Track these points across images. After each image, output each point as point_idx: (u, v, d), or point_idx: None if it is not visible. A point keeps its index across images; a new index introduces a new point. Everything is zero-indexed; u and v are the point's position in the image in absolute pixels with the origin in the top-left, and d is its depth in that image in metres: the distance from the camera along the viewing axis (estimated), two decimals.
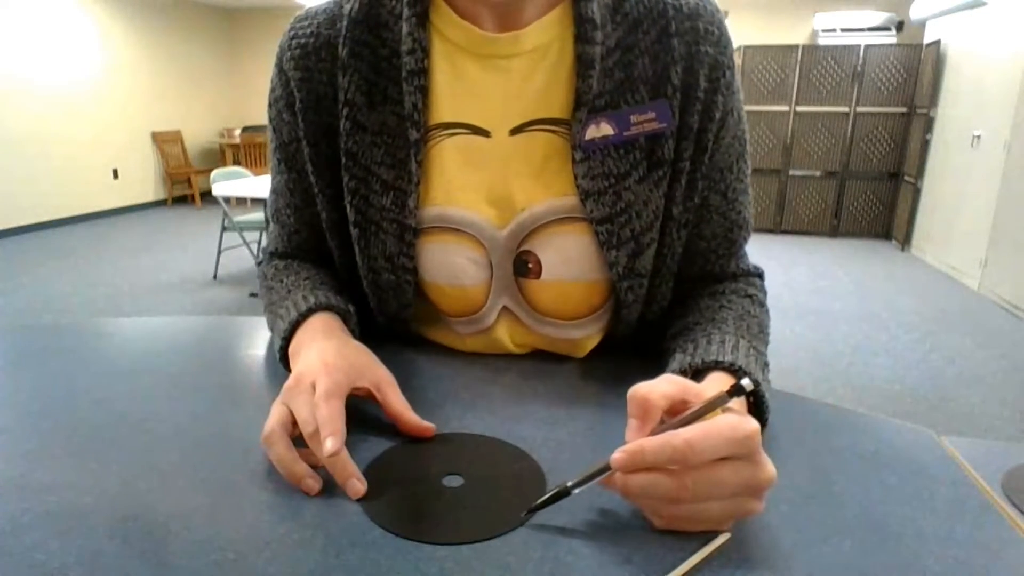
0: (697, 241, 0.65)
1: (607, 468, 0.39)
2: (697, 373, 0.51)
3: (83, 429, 0.52)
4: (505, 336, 0.66)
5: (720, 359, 0.51)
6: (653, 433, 0.39)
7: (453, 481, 0.45)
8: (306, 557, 0.38)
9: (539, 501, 0.41)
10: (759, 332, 0.59)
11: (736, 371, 0.50)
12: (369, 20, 0.60)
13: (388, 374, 0.53)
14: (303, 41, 0.61)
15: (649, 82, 0.58)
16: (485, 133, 0.60)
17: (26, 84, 5.87)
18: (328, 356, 0.50)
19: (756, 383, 0.47)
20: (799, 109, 5.76)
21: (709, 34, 0.58)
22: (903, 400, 2.67)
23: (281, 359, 0.59)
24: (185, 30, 7.73)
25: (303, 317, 0.58)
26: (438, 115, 0.60)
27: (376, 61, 0.60)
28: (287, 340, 0.58)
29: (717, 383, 0.48)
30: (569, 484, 0.41)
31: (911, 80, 5.53)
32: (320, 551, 0.38)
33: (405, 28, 0.58)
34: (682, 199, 0.61)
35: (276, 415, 0.46)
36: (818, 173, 5.90)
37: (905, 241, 5.52)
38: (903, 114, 5.63)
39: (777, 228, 6.08)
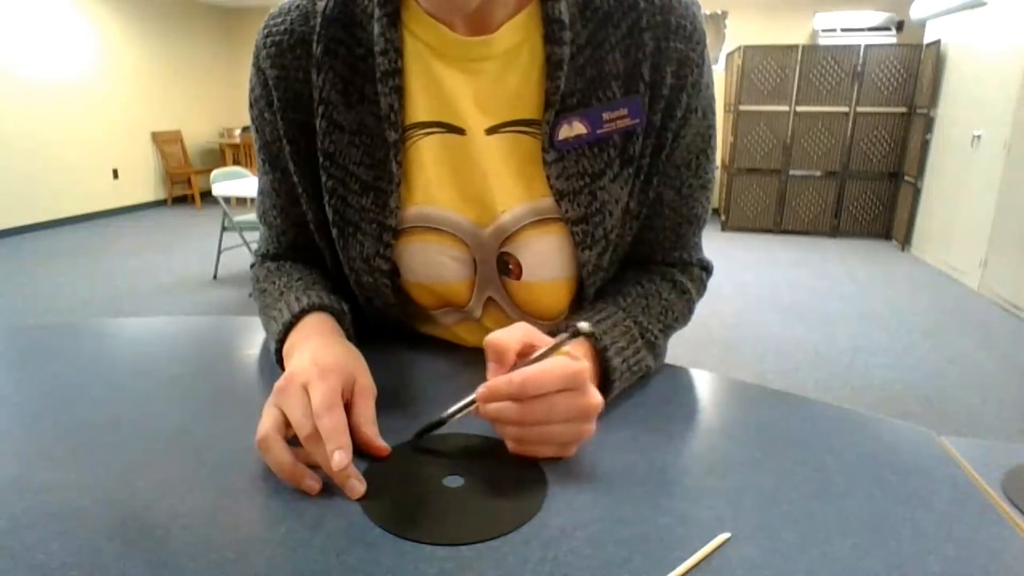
0: (646, 232, 0.66)
1: (473, 401, 0.48)
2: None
3: (83, 429, 0.52)
4: (494, 326, 0.67)
5: (578, 326, 0.51)
6: (510, 371, 0.47)
7: (453, 481, 0.45)
8: (306, 557, 0.38)
9: (420, 428, 0.50)
10: (660, 313, 0.63)
11: (588, 336, 0.52)
12: (343, 18, 0.59)
13: (371, 384, 0.51)
14: (278, 39, 0.60)
15: (620, 78, 0.58)
16: (460, 131, 0.60)
17: (26, 84, 5.87)
18: (319, 356, 0.50)
19: (601, 344, 0.55)
20: (799, 109, 5.76)
21: (681, 29, 0.57)
22: (903, 400, 2.67)
23: (278, 362, 0.59)
24: (185, 30, 7.72)
25: (296, 319, 0.58)
26: (414, 114, 0.60)
27: (352, 60, 0.59)
28: (281, 342, 0.58)
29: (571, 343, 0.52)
30: (444, 415, 0.49)
31: (911, 80, 5.53)
32: (320, 551, 0.38)
33: (377, 28, 0.58)
34: (638, 193, 0.62)
35: (269, 418, 0.45)
36: (818, 173, 5.89)
37: (905, 241, 5.52)
38: (903, 114, 5.63)
39: (777, 228, 6.08)
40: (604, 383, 0.55)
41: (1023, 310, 3.76)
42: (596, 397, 0.46)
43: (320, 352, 0.51)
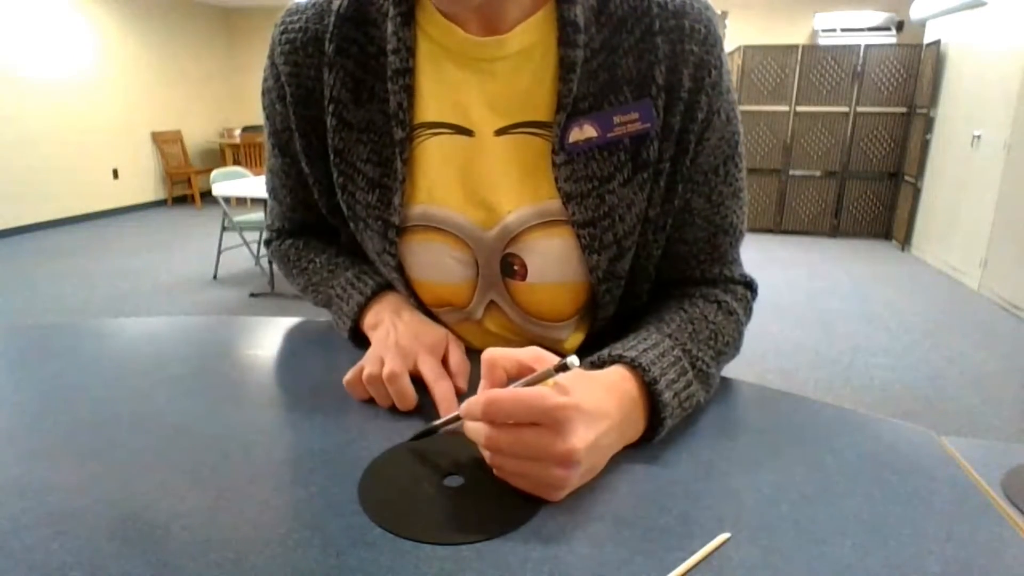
0: (679, 245, 0.64)
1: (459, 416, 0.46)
2: (604, 365, 0.51)
3: (83, 429, 0.52)
4: (494, 327, 0.67)
5: (623, 354, 0.51)
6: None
7: (454, 481, 0.45)
8: (306, 557, 0.38)
9: (411, 437, 0.50)
10: (709, 339, 0.58)
11: (636, 367, 0.50)
12: (357, 17, 0.60)
13: (458, 348, 0.61)
14: (292, 36, 0.62)
15: (633, 82, 0.57)
16: (469, 133, 0.60)
17: (26, 84, 5.87)
18: (420, 332, 0.61)
19: (650, 376, 0.49)
20: (799, 109, 5.76)
21: (695, 32, 0.57)
22: (903, 400, 2.67)
23: (350, 331, 0.67)
24: (185, 30, 7.72)
25: (373, 295, 0.66)
26: (423, 114, 0.60)
27: (364, 58, 0.60)
28: (357, 317, 0.66)
29: (613, 375, 0.49)
30: (434, 424, 0.49)
31: (911, 80, 5.53)
32: (320, 551, 0.38)
33: (390, 27, 0.59)
34: (660, 201, 0.60)
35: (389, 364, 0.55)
36: (818, 173, 5.89)
37: (905, 241, 5.52)
38: (903, 114, 5.63)
39: (777, 228, 6.08)
40: (654, 420, 0.50)
41: (1023, 310, 3.76)
42: (573, 443, 0.41)
43: (419, 327, 0.61)
